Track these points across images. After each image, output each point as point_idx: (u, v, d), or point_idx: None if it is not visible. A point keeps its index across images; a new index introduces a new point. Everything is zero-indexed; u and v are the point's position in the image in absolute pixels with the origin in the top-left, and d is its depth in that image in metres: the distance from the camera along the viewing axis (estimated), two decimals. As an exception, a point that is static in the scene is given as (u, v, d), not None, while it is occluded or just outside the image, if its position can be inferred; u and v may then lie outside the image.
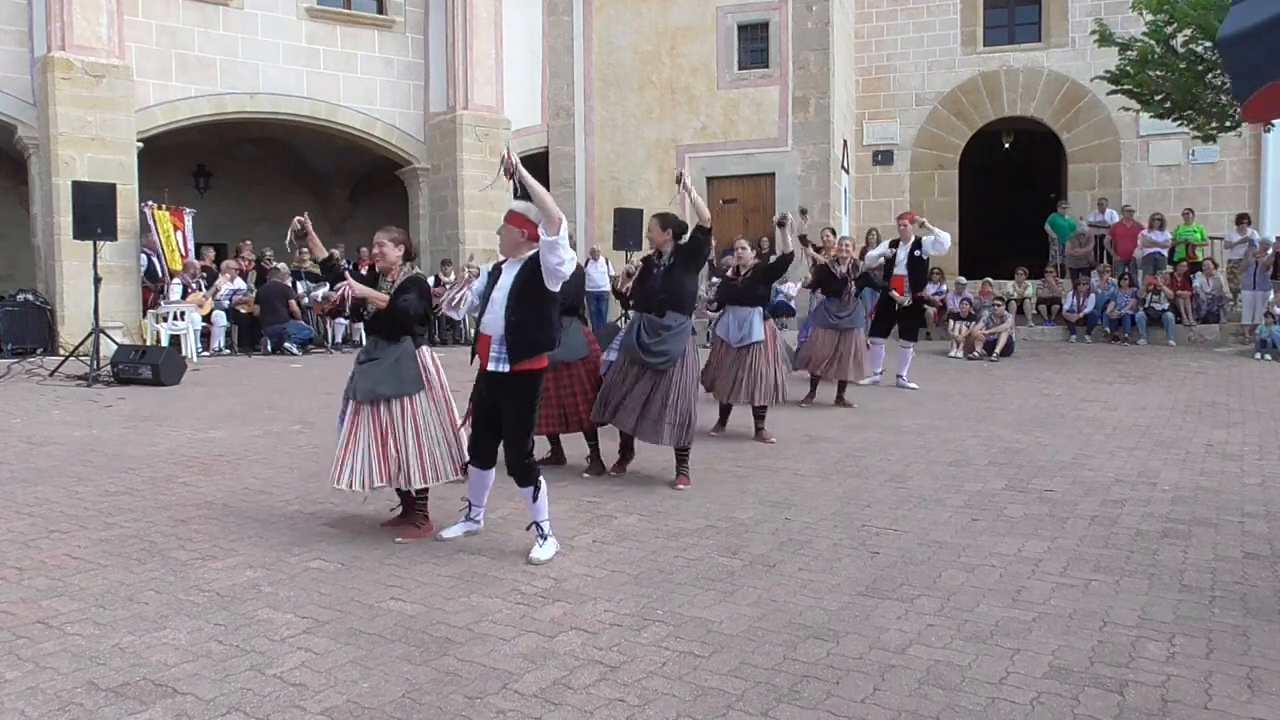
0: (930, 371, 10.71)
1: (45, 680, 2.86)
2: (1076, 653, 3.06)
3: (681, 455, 5.50)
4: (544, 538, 4.09)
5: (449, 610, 3.46)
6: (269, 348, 13.55)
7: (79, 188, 10.56)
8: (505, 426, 4.14)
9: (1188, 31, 11.99)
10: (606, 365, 5.62)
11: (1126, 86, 12.98)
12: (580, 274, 6.30)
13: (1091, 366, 11.30)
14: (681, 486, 5.37)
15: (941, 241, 9.34)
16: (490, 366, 4.06)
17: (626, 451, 5.80)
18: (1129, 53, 12.76)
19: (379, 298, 4.30)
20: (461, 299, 4.44)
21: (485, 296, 4.19)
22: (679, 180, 5.49)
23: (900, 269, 9.54)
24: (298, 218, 4.65)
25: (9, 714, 2.65)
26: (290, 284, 14.19)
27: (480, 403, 4.19)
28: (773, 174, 16.25)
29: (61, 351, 11.76)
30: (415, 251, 4.60)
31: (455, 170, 16.18)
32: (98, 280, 10.43)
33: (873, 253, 10.02)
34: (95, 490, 5.32)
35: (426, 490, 4.43)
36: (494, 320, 4.05)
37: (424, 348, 4.45)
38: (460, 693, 2.79)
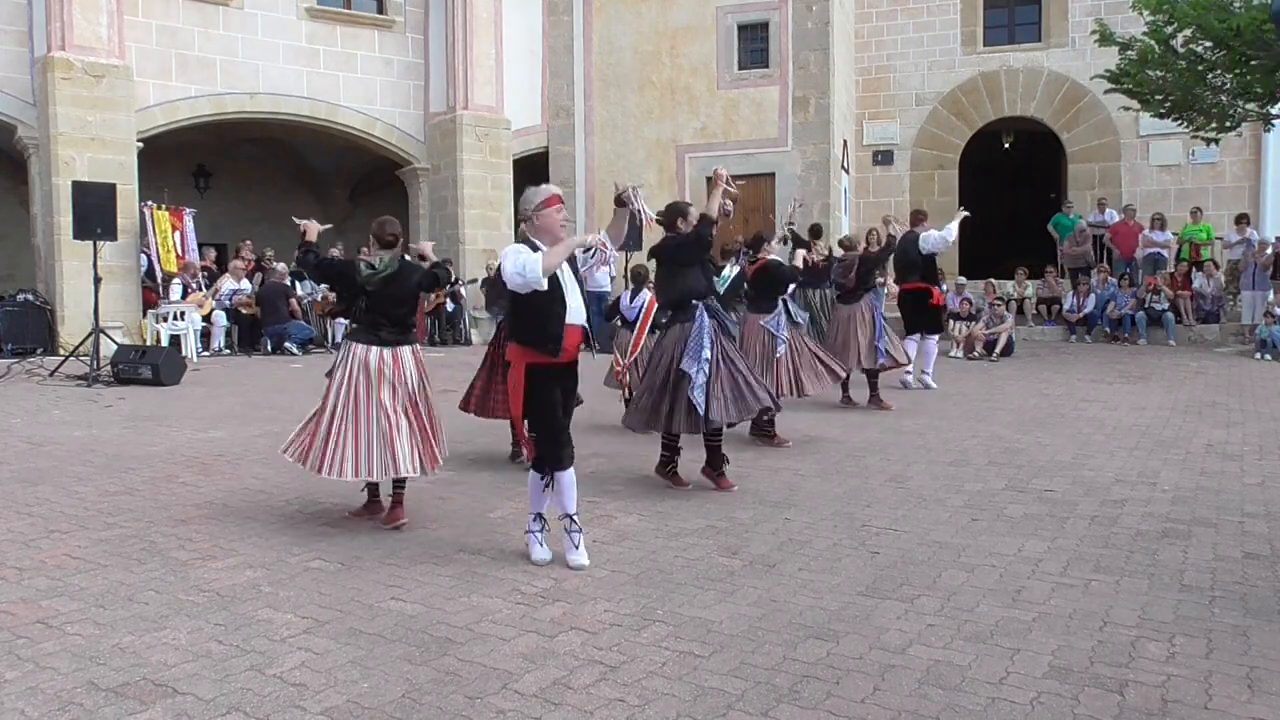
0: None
1: (45, 680, 2.86)
2: (1076, 653, 3.06)
3: (714, 449, 5.40)
4: (581, 530, 4.06)
5: (449, 610, 3.46)
6: (269, 348, 13.55)
7: (79, 188, 10.56)
8: (568, 416, 4.13)
9: (1188, 31, 12.00)
10: (699, 375, 5.21)
11: (1126, 86, 12.98)
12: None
13: (1091, 366, 11.30)
14: (724, 488, 5.30)
15: (946, 236, 9.32)
16: (578, 356, 4.10)
17: (671, 458, 5.55)
18: (1129, 52, 12.77)
19: (315, 227, 4.64)
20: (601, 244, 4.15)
21: (560, 287, 3.99)
22: (714, 180, 5.31)
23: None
24: (304, 222, 4.73)
25: (9, 714, 2.65)
26: (290, 283, 14.20)
27: (559, 400, 4.05)
28: (773, 174, 16.24)
29: (61, 351, 11.76)
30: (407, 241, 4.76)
31: (455, 170, 16.18)
32: (98, 280, 10.43)
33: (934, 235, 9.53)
34: (95, 490, 5.32)
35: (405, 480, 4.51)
36: (580, 311, 4.03)
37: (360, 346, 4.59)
38: (460, 693, 2.79)
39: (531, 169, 17.37)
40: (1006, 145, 18.85)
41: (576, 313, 4.00)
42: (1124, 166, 16.71)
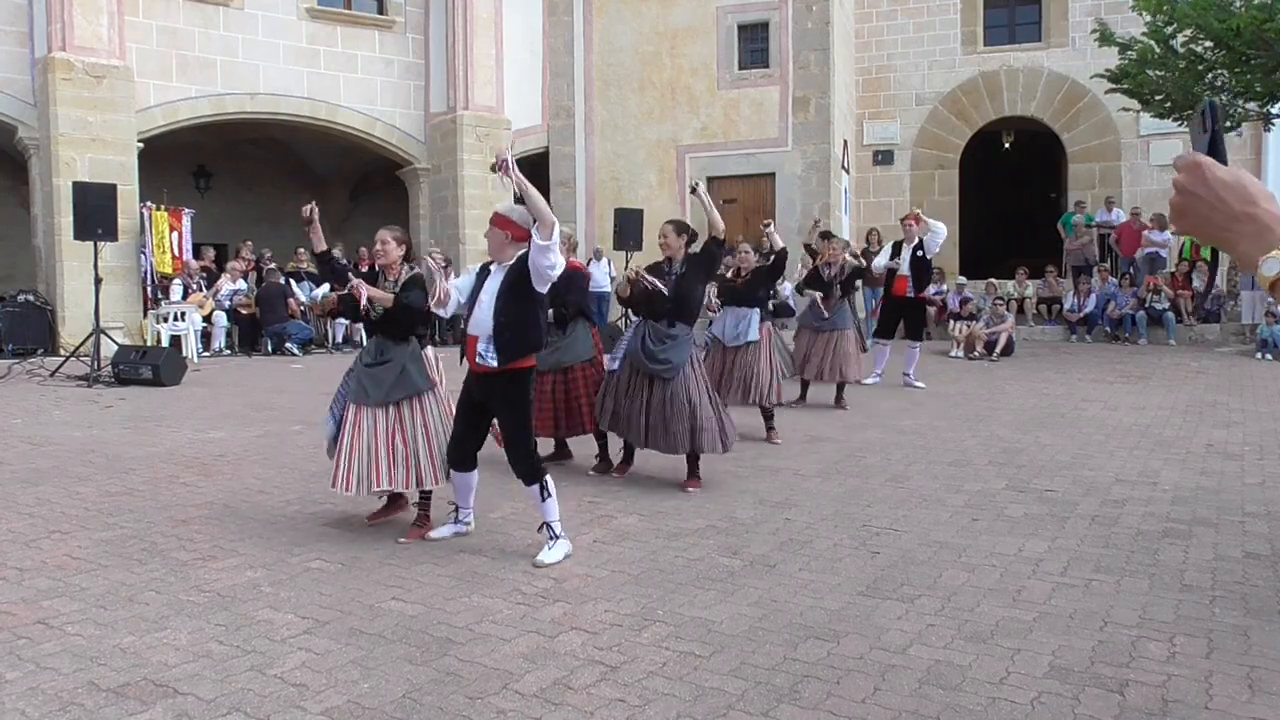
0: (930, 371, 10.69)
1: (46, 680, 2.87)
2: (1077, 653, 3.06)
3: (694, 458, 5.46)
4: (555, 539, 4.07)
5: (449, 610, 3.46)
6: (269, 348, 13.55)
7: (80, 188, 10.56)
8: (502, 428, 4.14)
9: (1188, 32, 12.00)
10: (610, 373, 5.56)
11: (1126, 86, 12.99)
12: (585, 278, 6.31)
13: (1092, 366, 11.30)
14: (692, 489, 5.32)
15: (937, 234, 9.38)
16: (479, 365, 4.05)
17: (629, 454, 5.80)
18: (1129, 53, 12.77)
19: (385, 298, 4.31)
20: (445, 295, 4.33)
21: (473, 297, 4.16)
22: (693, 190, 5.44)
23: (904, 270, 9.54)
24: (308, 206, 4.65)
25: (10, 714, 2.65)
26: (284, 282, 14.18)
27: (466, 404, 4.18)
28: (773, 174, 16.25)
29: (62, 352, 11.76)
30: (414, 252, 4.64)
31: (456, 170, 16.19)
32: (98, 281, 10.43)
33: (878, 262, 9.95)
34: (96, 491, 5.33)
35: (431, 490, 4.44)
36: (482, 320, 4.04)
37: (428, 348, 4.47)
38: (461, 693, 2.79)
39: (532, 169, 17.37)
40: (1007, 145, 18.85)
41: (475, 323, 4.08)
42: (1124, 166, 16.71)
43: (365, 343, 4.67)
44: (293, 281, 14.35)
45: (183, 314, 12.77)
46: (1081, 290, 14.63)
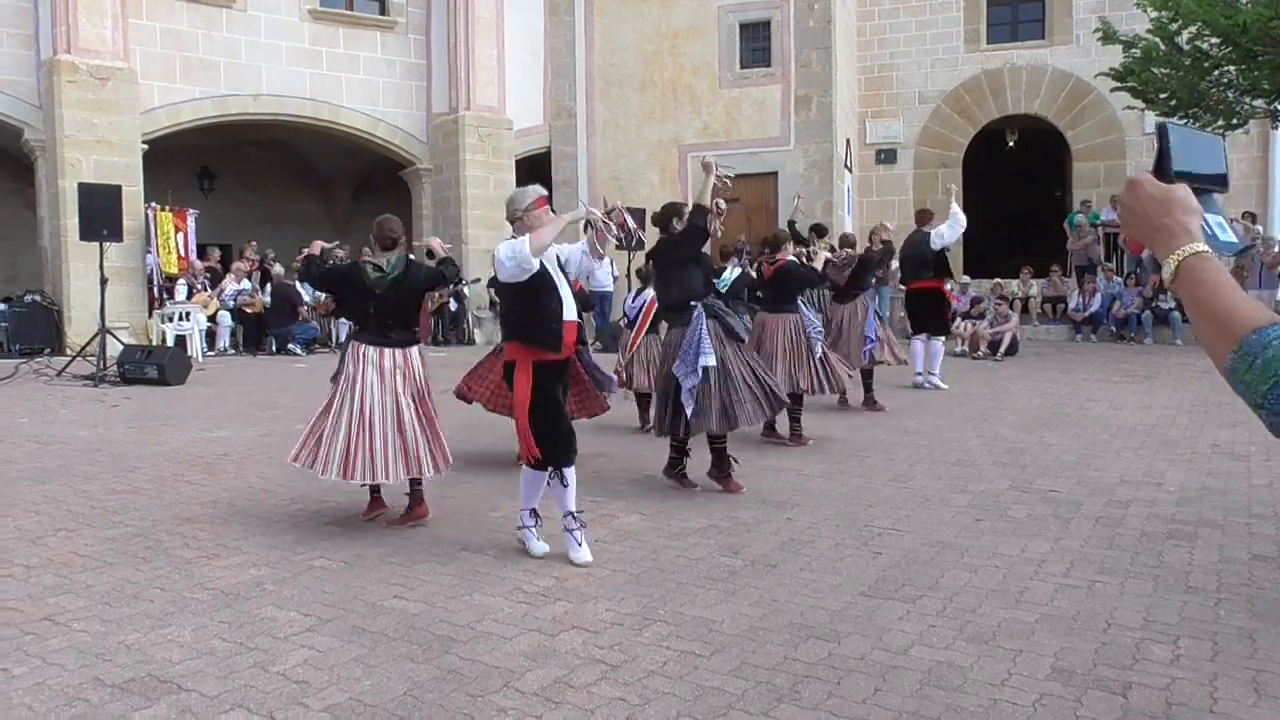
0: (934, 371, 10.68)
1: (52, 676, 2.88)
2: (1080, 654, 3.05)
3: (718, 451, 5.32)
4: (584, 527, 4.10)
5: (451, 609, 3.47)
6: (274, 347, 13.58)
7: (85, 190, 10.60)
8: (566, 408, 4.24)
9: (1193, 28, 11.95)
10: (708, 370, 5.12)
11: (1131, 84, 12.94)
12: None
13: (1097, 366, 11.27)
14: (735, 490, 5.19)
15: (958, 223, 9.36)
16: (566, 351, 4.13)
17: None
18: (1133, 50, 12.73)
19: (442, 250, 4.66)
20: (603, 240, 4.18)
21: (554, 284, 4.08)
22: (707, 169, 5.17)
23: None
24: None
25: (17, 709, 2.66)
26: (294, 286, 14.21)
27: (561, 396, 4.16)
28: (775, 173, 16.23)
29: (68, 352, 11.80)
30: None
31: (458, 170, 16.21)
32: (104, 281, 10.47)
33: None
34: (102, 489, 5.34)
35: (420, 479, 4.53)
36: (572, 308, 4.16)
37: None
38: (462, 691, 2.79)
39: (534, 169, 17.38)
40: (1010, 143, 18.81)
41: (571, 309, 4.13)
42: (1129, 164, 16.65)
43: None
44: (301, 289, 14.38)
45: (187, 314, 12.82)
46: (1086, 289, 14.59)
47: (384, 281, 4.49)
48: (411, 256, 4.64)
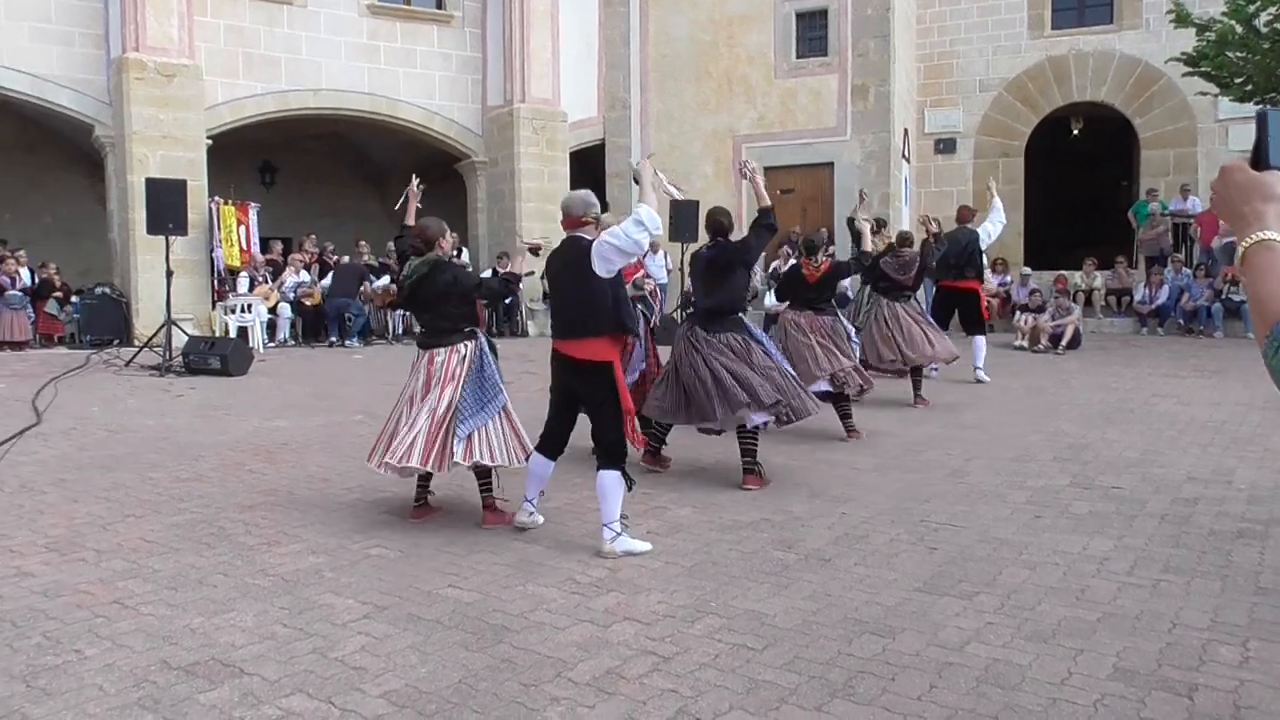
0: (993, 365, 10.45)
1: (122, 658, 2.98)
2: (1143, 655, 2.97)
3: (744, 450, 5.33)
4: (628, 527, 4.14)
5: (505, 598, 3.50)
6: (333, 335, 13.81)
7: (152, 184, 10.92)
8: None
9: (1272, 10, 11.48)
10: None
11: (1205, 69, 12.48)
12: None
13: (1163, 360, 10.93)
14: (751, 487, 5.19)
15: (999, 218, 9.18)
16: None
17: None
18: (1208, 34, 12.27)
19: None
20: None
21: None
22: (743, 170, 5.43)
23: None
24: (415, 182, 4.85)
25: (88, 689, 2.76)
26: (364, 267, 14.61)
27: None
28: (831, 164, 16.03)
29: (136, 343, 12.19)
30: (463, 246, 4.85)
31: (513, 163, 16.31)
32: (169, 274, 10.79)
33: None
34: (168, 476, 5.52)
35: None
36: None
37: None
38: (515, 679, 2.82)
39: (588, 161, 17.42)
40: (1075, 132, 18.29)
41: None
42: (1200, 152, 16.07)
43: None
44: (370, 274, 14.67)
45: (249, 305, 13.14)
46: (1154, 281, 14.14)
47: (406, 283, 4.55)
48: (453, 258, 4.62)
